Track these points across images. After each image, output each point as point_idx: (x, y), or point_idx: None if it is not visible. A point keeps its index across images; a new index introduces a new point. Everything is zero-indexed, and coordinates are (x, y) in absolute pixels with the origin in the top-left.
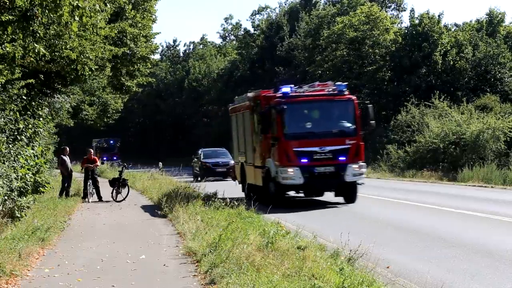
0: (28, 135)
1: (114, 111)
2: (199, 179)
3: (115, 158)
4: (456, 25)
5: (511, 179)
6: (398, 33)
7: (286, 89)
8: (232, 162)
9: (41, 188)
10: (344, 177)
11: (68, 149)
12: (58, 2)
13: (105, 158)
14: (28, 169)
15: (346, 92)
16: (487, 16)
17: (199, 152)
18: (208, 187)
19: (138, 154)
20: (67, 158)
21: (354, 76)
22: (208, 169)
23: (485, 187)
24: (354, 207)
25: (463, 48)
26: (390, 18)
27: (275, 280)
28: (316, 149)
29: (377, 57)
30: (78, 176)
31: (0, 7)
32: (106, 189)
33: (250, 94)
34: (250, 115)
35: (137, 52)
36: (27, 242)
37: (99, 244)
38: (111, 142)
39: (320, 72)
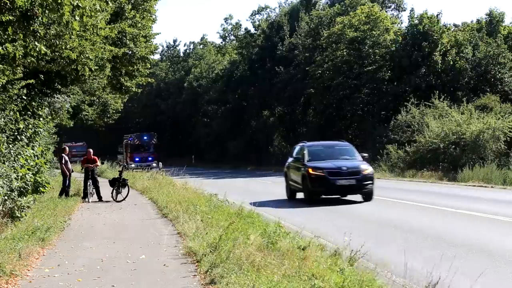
0: (28, 135)
1: (114, 111)
2: (297, 197)
3: (150, 159)
4: (455, 25)
5: (511, 179)
6: (398, 33)
7: None
8: (367, 167)
9: (41, 188)
10: None
11: (68, 148)
12: (58, 1)
13: (136, 159)
14: (28, 169)
15: None
16: (487, 16)
17: (300, 148)
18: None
19: None
20: (67, 158)
21: (354, 76)
22: (321, 181)
23: (485, 187)
24: (355, 207)
25: (463, 48)
26: (390, 18)
27: (275, 280)
28: None
29: (377, 57)
30: (78, 176)
31: (0, 7)
32: (106, 189)
33: None
34: None
35: (137, 52)
36: (27, 242)
37: (99, 244)
38: (145, 138)
39: (320, 72)
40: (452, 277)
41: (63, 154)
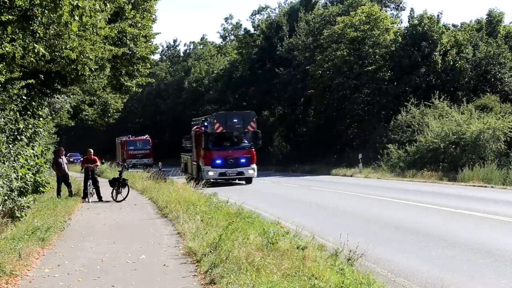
0: (28, 135)
1: (114, 111)
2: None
3: (244, 161)
4: (454, 25)
5: (511, 179)
6: (398, 33)
7: None
8: None
9: (41, 188)
10: None
11: (63, 149)
12: (57, 2)
13: (218, 162)
14: (28, 169)
15: None
16: (487, 16)
17: None
18: None
19: None
20: (62, 159)
21: (354, 76)
22: None
23: (485, 187)
24: (355, 207)
25: (463, 48)
26: (390, 18)
27: (275, 280)
28: None
29: (377, 57)
30: (78, 176)
31: (0, 7)
32: (106, 189)
33: None
34: None
35: (137, 52)
36: (27, 242)
37: (99, 244)
38: (235, 120)
39: (320, 72)
40: (452, 277)
41: (56, 156)
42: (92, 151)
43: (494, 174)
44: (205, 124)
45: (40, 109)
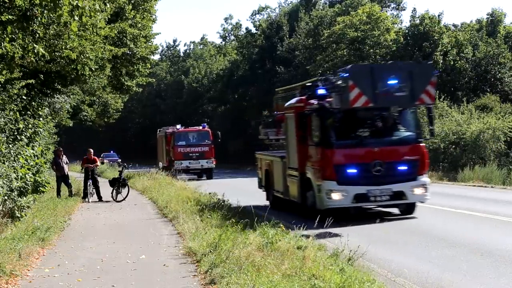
0: (28, 135)
1: (114, 111)
2: None
3: (405, 170)
4: (454, 25)
5: (511, 179)
6: (399, 33)
7: None
8: None
9: (41, 188)
10: None
11: (61, 150)
12: (57, 2)
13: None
14: (28, 169)
15: None
16: (489, 16)
17: None
18: None
19: (138, 154)
20: (61, 159)
21: None
22: None
23: (485, 187)
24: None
25: (463, 48)
26: (390, 18)
27: (275, 280)
28: None
29: (377, 57)
30: (78, 176)
31: (0, 7)
32: (106, 189)
33: None
34: None
35: (137, 53)
36: (27, 242)
37: (99, 244)
38: (393, 81)
39: (320, 72)
40: (452, 277)
41: (55, 157)
42: (92, 151)
43: (494, 174)
44: (319, 93)
45: (40, 109)
